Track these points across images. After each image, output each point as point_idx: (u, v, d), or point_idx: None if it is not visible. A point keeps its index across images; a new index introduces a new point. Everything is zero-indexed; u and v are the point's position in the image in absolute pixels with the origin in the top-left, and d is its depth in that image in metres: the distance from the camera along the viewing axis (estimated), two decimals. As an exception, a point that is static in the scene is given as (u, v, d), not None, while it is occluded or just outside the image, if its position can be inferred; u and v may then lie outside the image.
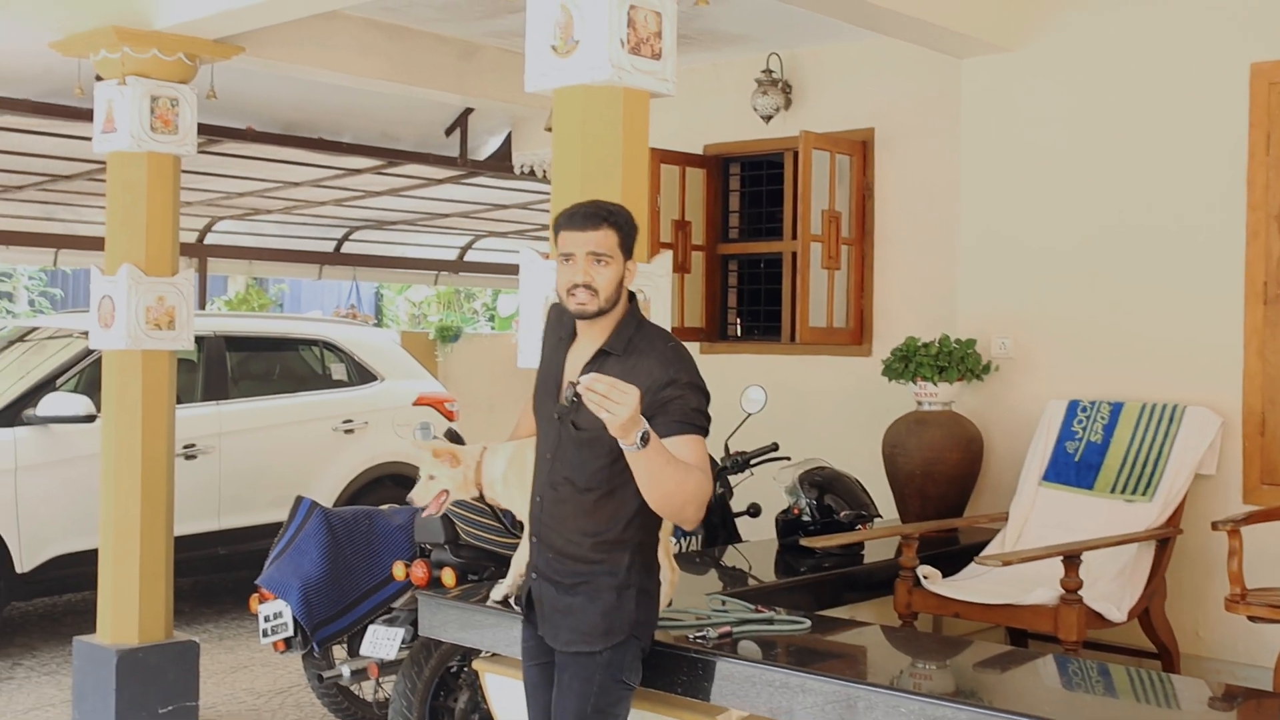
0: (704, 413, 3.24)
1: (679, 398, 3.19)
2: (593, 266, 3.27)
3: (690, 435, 3.18)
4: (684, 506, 3.15)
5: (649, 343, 3.30)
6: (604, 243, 3.28)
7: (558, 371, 3.43)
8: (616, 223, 3.31)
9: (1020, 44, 6.01)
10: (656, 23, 4.15)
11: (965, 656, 4.01)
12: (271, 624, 5.51)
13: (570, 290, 3.29)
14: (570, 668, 3.33)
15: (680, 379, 3.21)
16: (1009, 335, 6.08)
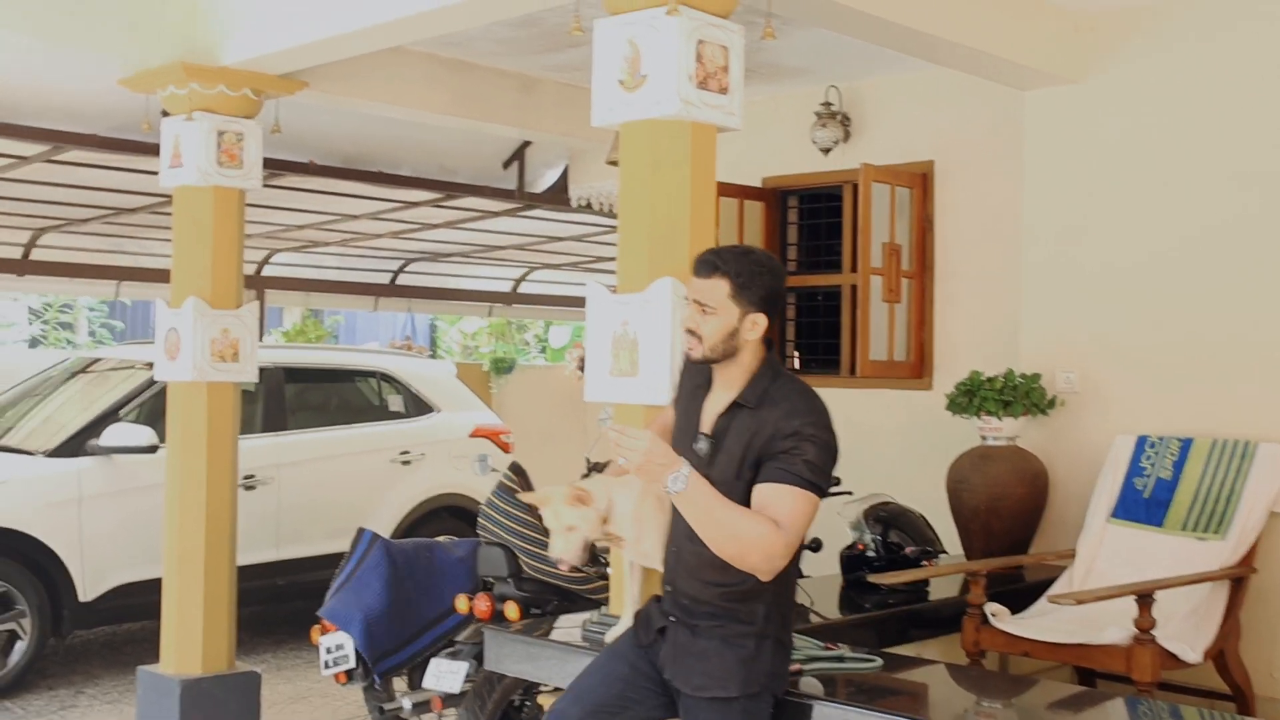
0: (818, 468, 3.15)
1: (794, 449, 3.15)
2: (698, 314, 3.29)
3: (787, 486, 3.13)
4: (742, 555, 3.11)
5: (783, 394, 3.26)
6: (709, 292, 3.28)
7: (694, 421, 3.41)
8: (728, 272, 3.27)
9: (1085, 76, 5.97)
10: (724, 57, 4.15)
11: (1038, 696, 3.96)
12: (333, 655, 5.52)
13: (685, 333, 3.34)
14: (701, 713, 3.30)
15: (802, 431, 3.16)
16: (1074, 369, 6.01)
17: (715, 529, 3.10)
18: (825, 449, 3.19)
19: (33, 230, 10.42)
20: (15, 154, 7.75)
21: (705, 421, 3.38)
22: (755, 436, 3.22)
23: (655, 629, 3.46)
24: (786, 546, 3.10)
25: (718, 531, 3.10)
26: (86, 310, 20.24)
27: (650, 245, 4.12)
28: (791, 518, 3.12)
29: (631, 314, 4.08)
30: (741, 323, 3.28)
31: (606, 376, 4.15)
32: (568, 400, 14.85)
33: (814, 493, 3.15)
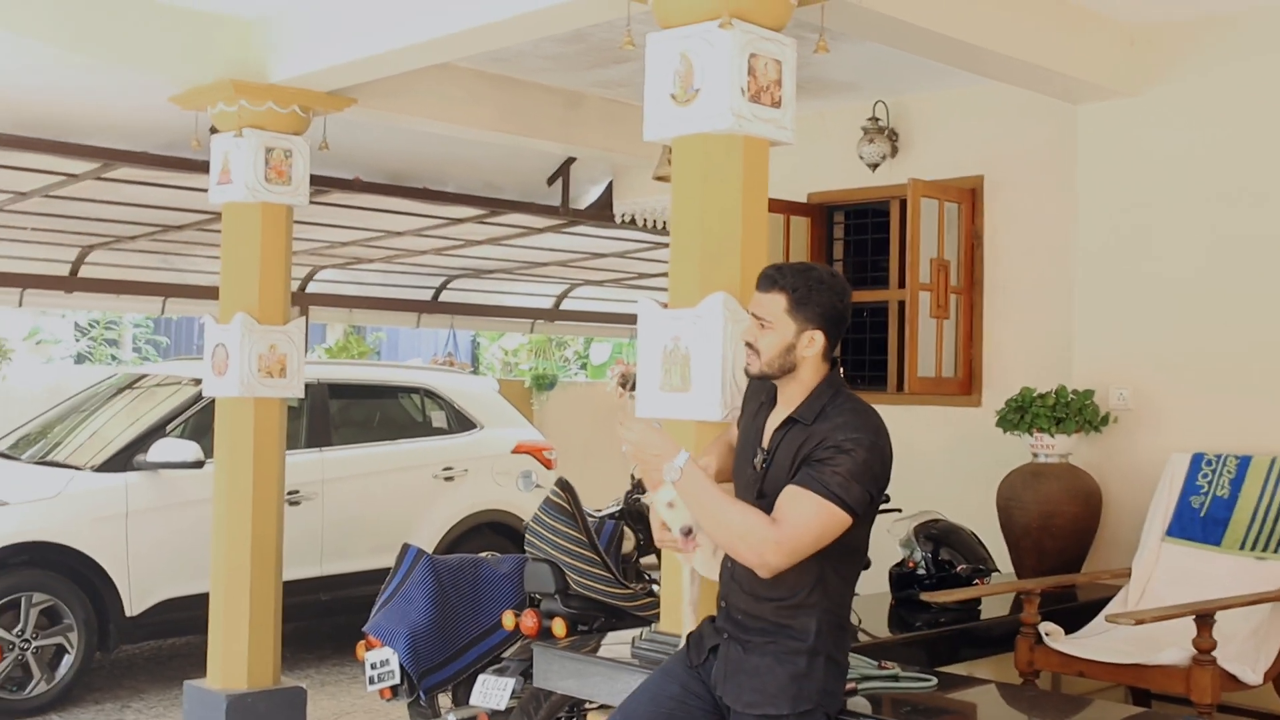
0: (847, 483, 3.10)
1: (828, 459, 3.13)
2: (755, 328, 3.30)
3: (804, 490, 3.11)
4: (732, 546, 3.17)
5: (839, 411, 3.23)
6: (767, 306, 3.28)
7: (755, 437, 3.40)
8: (786, 286, 3.27)
9: (1140, 89, 5.90)
10: (776, 70, 4.13)
11: (1096, 718, 3.89)
12: (378, 671, 5.51)
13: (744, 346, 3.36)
14: None
15: (843, 445, 3.13)
16: (1128, 386, 5.93)
17: (709, 520, 3.17)
18: (863, 467, 3.13)
19: (81, 248, 10.51)
20: (66, 171, 7.82)
21: (764, 437, 3.37)
22: (803, 447, 3.20)
23: (708, 648, 3.43)
24: (777, 545, 3.07)
25: (711, 523, 3.17)
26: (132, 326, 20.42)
27: (702, 260, 4.09)
28: (793, 520, 3.09)
29: (683, 329, 4.06)
30: (798, 339, 3.26)
31: (657, 392, 4.12)
32: (609, 417, 14.86)
33: (835, 504, 3.09)
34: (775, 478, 3.25)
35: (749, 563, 3.15)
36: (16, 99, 6.91)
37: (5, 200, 8.54)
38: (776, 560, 3.10)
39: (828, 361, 3.32)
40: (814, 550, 3.13)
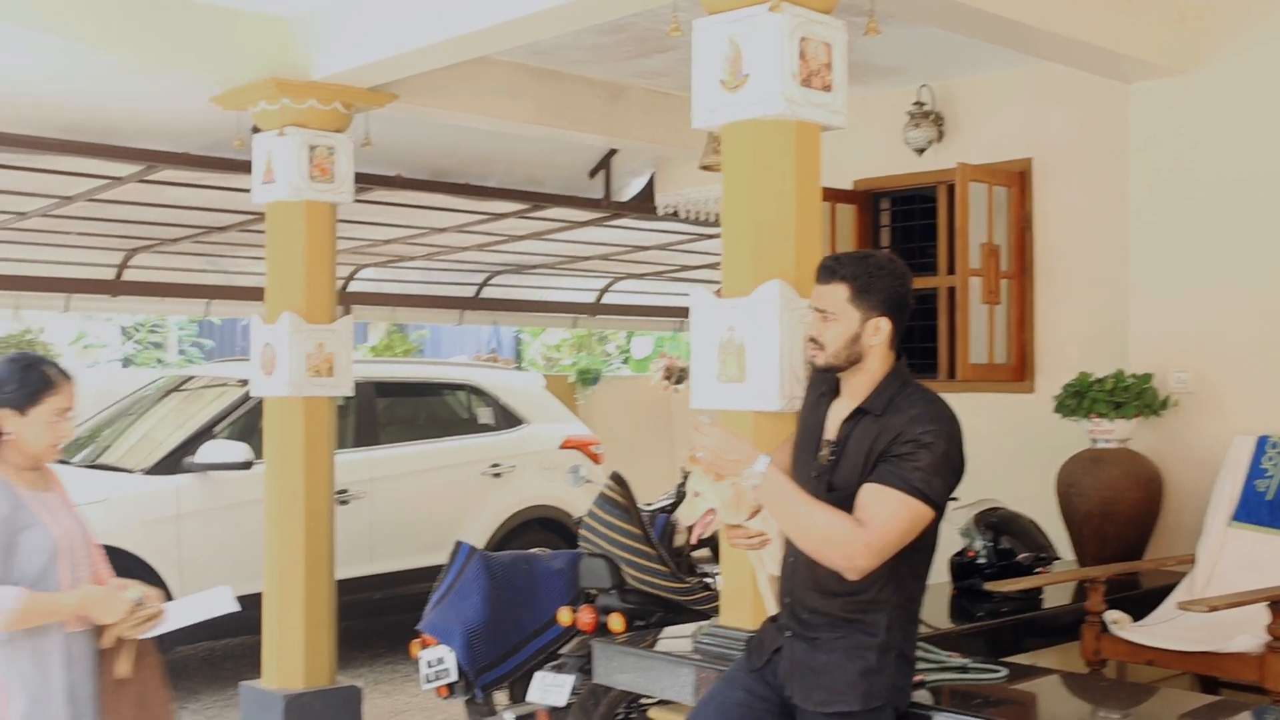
0: (929, 478, 3.05)
1: (907, 454, 3.06)
2: (818, 321, 3.23)
3: (886, 488, 3.05)
4: (820, 552, 3.08)
5: (910, 402, 3.17)
6: (828, 298, 3.22)
7: (817, 429, 3.34)
8: (846, 276, 3.20)
9: (1192, 66, 5.79)
10: (827, 54, 4.07)
11: (1169, 707, 3.82)
12: (434, 669, 5.50)
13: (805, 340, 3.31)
14: None
15: (921, 439, 3.07)
16: (1187, 369, 5.83)
17: (792, 524, 3.10)
18: (943, 459, 3.08)
19: (125, 251, 10.55)
20: (109, 175, 7.84)
21: (830, 428, 3.30)
22: (877, 441, 3.13)
23: (770, 650, 3.37)
24: (866, 547, 3.02)
25: (795, 527, 3.10)
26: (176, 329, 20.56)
27: (755, 248, 4.04)
28: (879, 519, 3.03)
29: (738, 319, 4.00)
30: (863, 327, 3.19)
31: (713, 383, 4.07)
32: (654, 410, 14.82)
33: (919, 500, 3.05)
34: (846, 471, 3.18)
35: (836, 566, 3.07)
36: (59, 103, 6.92)
37: (50, 205, 8.57)
38: (865, 563, 3.04)
39: (894, 350, 3.25)
40: (900, 548, 3.06)
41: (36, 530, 3.43)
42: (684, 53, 6.29)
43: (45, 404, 3.47)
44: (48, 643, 3.47)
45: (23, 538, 3.41)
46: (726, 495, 3.32)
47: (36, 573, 3.42)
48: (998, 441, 6.88)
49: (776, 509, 3.12)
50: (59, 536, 3.47)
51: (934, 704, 3.46)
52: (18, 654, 3.45)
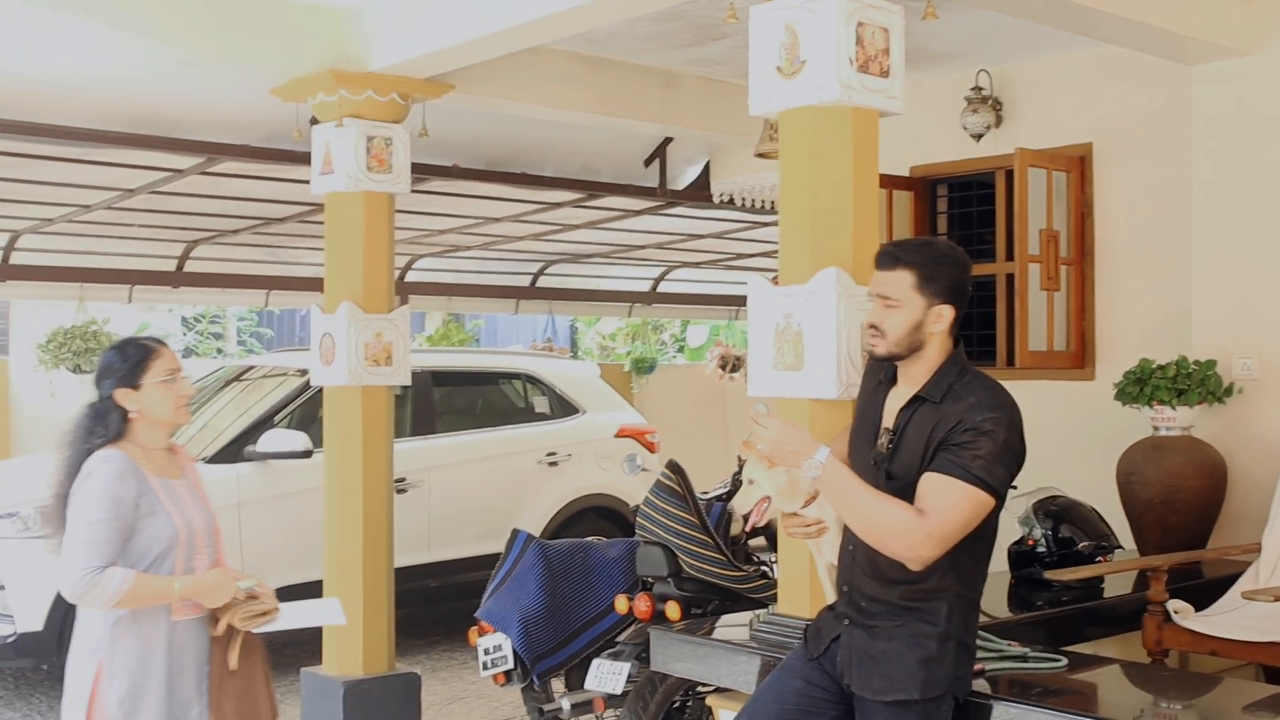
0: (990, 466, 3.04)
1: (968, 443, 3.06)
2: (880, 308, 3.22)
3: (948, 477, 3.04)
4: (883, 543, 3.08)
5: (969, 389, 3.16)
6: (892, 285, 3.20)
7: (875, 416, 3.34)
8: (911, 263, 3.19)
9: (1258, 47, 5.69)
10: (884, 39, 4.04)
11: (1233, 697, 3.76)
12: (491, 656, 5.53)
13: (865, 328, 3.28)
14: (880, 716, 3.20)
15: (981, 426, 3.06)
16: (1251, 355, 5.74)
17: (854, 515, 3.10)
18: (1004, 447, 3.07)
19: (186, 243, 10.69)
20: (171, 167, 7.94)
21: (887, 417, 3.29)
22: (937, 429, 3.12)
23: (828, 638, 3.37)
24: (929, 537, 3.01)
25: (856, 517, 3.10)
26: (236, 320, 20.78)
27: (812, 235, 4.02)
28: (941, 509, 3.02)
29: (795, 306, 3.98)
30: (926, 315, 3.19)
31: (770, 371, 4.05)
32: (709, 399, 14.80)
33: (981, 489, 3.04)
34: (905, 459, 3.17)
35: (899, 556, 3.07)
36: (122, 97, 7.01)
37: (113, 198, 8.69)
38: (928, 552, 3.04)
39: (953, 337, 3.24)
40: (962, 536, 3.05)
41: (159, 518, 3.53)
42: (739, 40, 6.28)
43: (151, 370, 3.57)
44: (152, 630, 3.55)
45: (145, 524, 3.52)
46: (781, 483, 3.32)
47: (153, 559, 3.52)
48: (1057, 429, 6.82)
49: (837, 500, 3.12)
50: (180, 526, 3.56)
51: (993, 693, 3.44)
52: (122, 639, 3.54)
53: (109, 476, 3.49)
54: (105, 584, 3.40)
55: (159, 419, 3.61)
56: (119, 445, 3.57)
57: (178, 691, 3.59)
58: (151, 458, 3.61)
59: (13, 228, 9.90)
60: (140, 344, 3.62)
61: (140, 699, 3.54)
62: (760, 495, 3.33)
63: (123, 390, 3.57)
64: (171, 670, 3.58)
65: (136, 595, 3.44)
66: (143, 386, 3.57)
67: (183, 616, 3.58)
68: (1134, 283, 6.72)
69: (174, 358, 3.64)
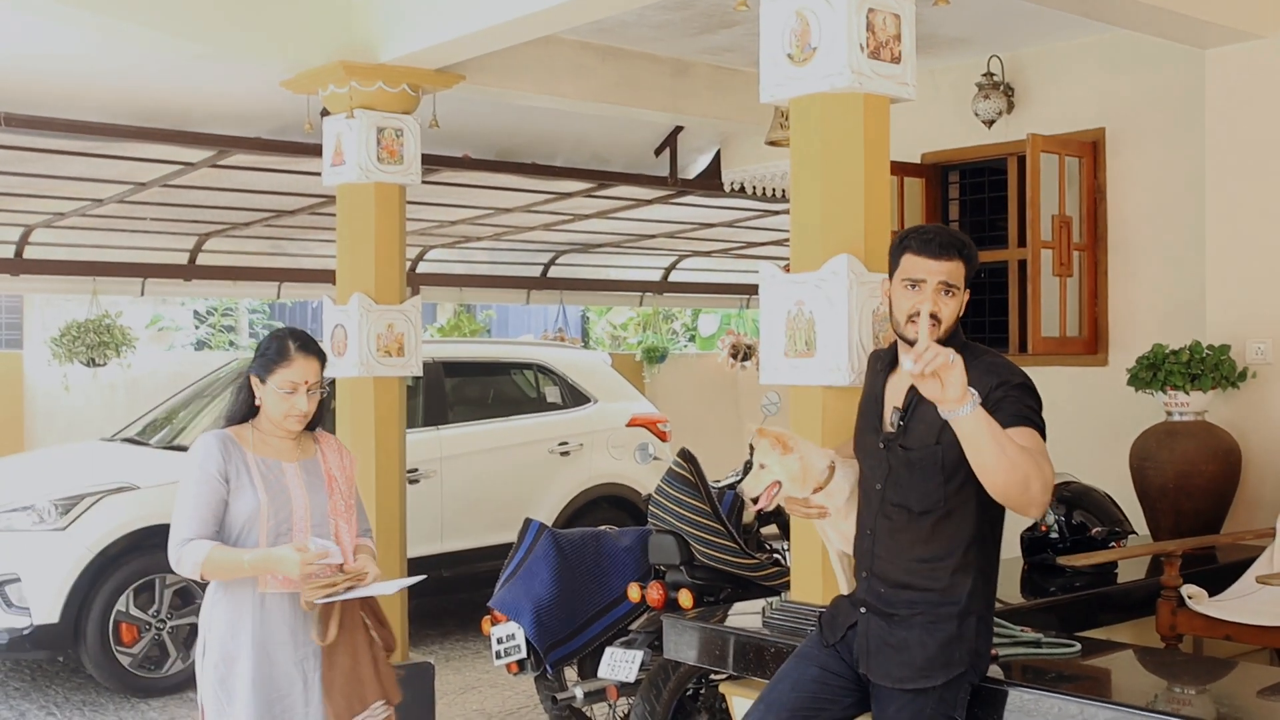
0: (1038, 412, 3.16)
1: (1012, 396, 3.13)
2: (940, 297, 3.24)
3: (1025, 428, 3.10)
4: (1026, 485, 2.96)
5: (975, 357, 3.20)
6: (955, 274, 3.25)
7: (878, 403, 3.38)
8: (967, 256, 3.28)
9: (1272, 29, 5.66)
10: (895, 25, 4.03)
11: (1248, 683, 3.75)
12: (504, 646, 5.54)
13: (913, 318, 3.23)
14: (897, 703, 3.22)
15: (1010, 380, 3.16)
16: (1266, 340, 5.72)
17: (1002, 458, 2.94)
18: (1034, 395, 3.19)
19: (198, 236, 10.71)
20: (183, 160, 7.95)
21: (894, 397, 3.33)
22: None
23: (844, 625, 3.38)
24: (1053, 477, 3.07)
25: (1004, 462, 2.94)
26: (248, 312, 20.82)
27: (824, 222, 4.01)
28: (1044, 451, 3.09)
29: (807, 294, 3.98)
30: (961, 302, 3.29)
31: (782, 358, 4.05)
32: (720, 388, 14.80)
33: (1040, 432, 3.14)
34: (920, 433, 3.21)
35: (1034, 499, 3.00)
36: (134, 91, 7.03)
37: (126, 191, 8.71)
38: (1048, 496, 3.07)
39: None
40: None
41: (246, 494, 3.65)
42: (749, 28, 6.28)
43: (277, 374, 3.69)
44: (240, 602, 3.67)
45: (234, 498, 3.66)
46: (793, 469, 3.33)
47: (238, 531, 3.66)
48: (1070, 415, 6.80)
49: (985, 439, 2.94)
50: (264, 503, 3.65)
51: (1007, 679, 3.44)
52: (215, 610, 3.71)
53: (197, 453, 3.68)
54: (189, 554, 3.59)
55: (270, 418, 3.74)
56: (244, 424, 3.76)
57: (273, 664, 3.68)
58: (267, 441, 3.75)
59: (26, 222, 9.93)
60: (283, 345, 3.73)
61: (232, 667, 3.67)
62: (771, 480, 3.35)
63: (255, 378, 3.75)
64: (261, 641, 3.67)
65: (214, 566, 3.59)
66: (268, 384, 3.71)
67: (269, 589, 3.67)
68: (1147, 268, 6.70)
69: (302, 371, 3.70)
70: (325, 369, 3.82)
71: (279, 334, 3.80)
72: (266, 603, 3.67)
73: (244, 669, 3.66)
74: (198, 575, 3.60)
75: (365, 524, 3.98)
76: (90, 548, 6.89)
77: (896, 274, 3.30)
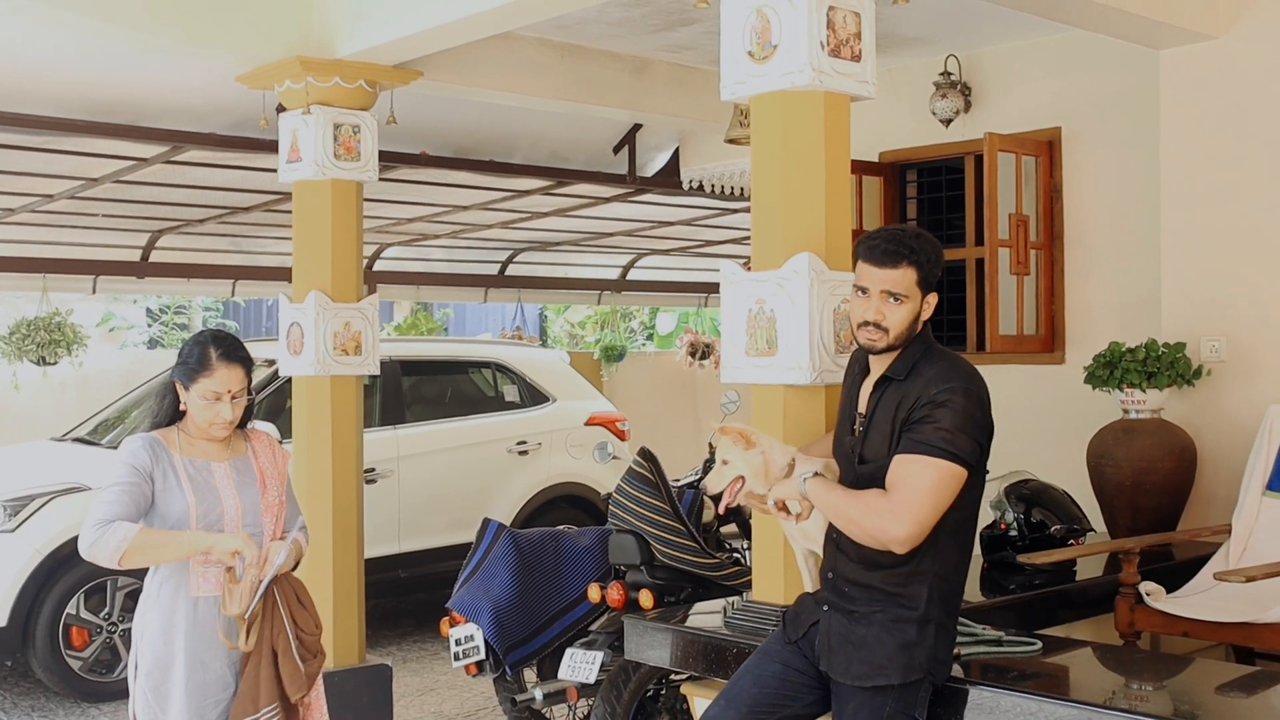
0: (951, 435, 3.06)
1: (926, 417, 3.09)
2: (885, 305, 3.20)
3: (914, 456, 3.07)
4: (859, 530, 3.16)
5: (931, 364, 3.19)
6: (900, 282, 3.19)
7: (852, 404, 3.37)
8: (917, 260, 3.20)
9: (1225, 30, 5.71)
10: (856, 23, 4.03)
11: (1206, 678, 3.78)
12: (463, 647, 5.50)
13: (861, 326, 3.24)
14: (856, 700, 3.21)
15: (936, 398, 3.09)
16: (1220, 337, 5.77)
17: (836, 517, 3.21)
18: (962, 414, 3.08)
19: (151, 232, 10.58)
20: (135, 156, 7.84)
21: (861, 403, 3.33)
22: (899, 409, 3.15)
23: (807, 623, 3.38)
24: (892, 513, 3.04)
25: (839, 519, 3.20)
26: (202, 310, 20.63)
27: (785, 220, 4.00)
28: (905, 484, 3.05)
29: (768, 292, 3.97)
30: (922, 306, 3.23)
31: (742, 357, 4.03)
32: (679, 386, 14.79)
33: (946, 459, 3.05)
34: (875, 443, 3.20)
35: (876, 540, 3.10)
36: (85, 85, 6.92)
37: (77, 187, 8.59)
38: (900, 530, 3.05)
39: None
40: (938, 513, 3.06)
41: (174, 496, 3.59)
42: (709, 26, 6.26)
43: (199, 383, 3.62)
44: (173, 607, 3.61)
45: (161, 500, 3.59)
46: (756, 465, 3.32)
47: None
48: (1028, 413, 6.84)
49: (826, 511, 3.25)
50: (194, 504, 3.59)
51: (968, 678, 3.44)
52: (148, 615, 3.64)
53: (123, 453, 3.61)
54: (111, 534, 3.45)
55: (196, 423, 3.68)
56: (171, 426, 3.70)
57: (206, 669, 3.62)
58: (194, 442, 3.69)
59: (-26, 218, 9.77)
60: (204, 354, 3.64)
61: (166, 674, 3.61)
62: (734, 475, 3.33)
63: (179, 383, 3.68)
64: (194, 648, 3.61)
65: (140, 547, 3.46)
66: (190, 391, 3.65)
67: (202, 593, 3.60)
68: (1103, 266, 6.74)
69: (224, 380, 3.63)
70: (251, 373, 3.73)
71: (201, 339, 3.70)
72: (199, 607, 3.60)
73: (177, 675, 3.59)
74: (116, 559, 3.43)
75: (300, 519, 3.91)
76: (39, 550, 6.79)
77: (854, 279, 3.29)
